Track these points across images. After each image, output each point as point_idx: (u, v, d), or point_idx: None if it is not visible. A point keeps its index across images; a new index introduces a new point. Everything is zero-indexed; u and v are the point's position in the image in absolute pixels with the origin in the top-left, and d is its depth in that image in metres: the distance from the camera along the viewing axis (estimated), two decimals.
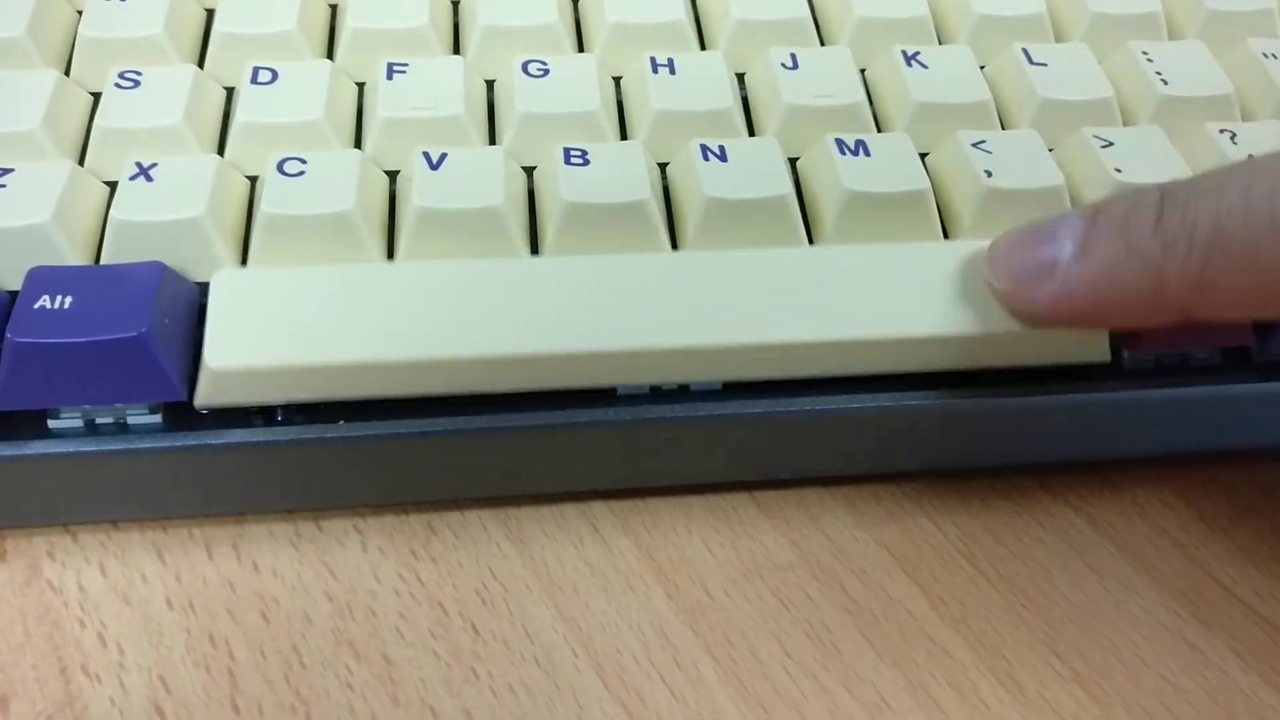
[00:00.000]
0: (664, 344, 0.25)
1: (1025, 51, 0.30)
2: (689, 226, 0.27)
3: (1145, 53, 0.31)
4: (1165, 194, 0.22)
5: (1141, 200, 0.22)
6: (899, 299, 0.25)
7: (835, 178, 0.27)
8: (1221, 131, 0.29)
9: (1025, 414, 0.27)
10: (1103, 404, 0.27)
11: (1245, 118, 0.31)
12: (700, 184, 0.27)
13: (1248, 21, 0.33)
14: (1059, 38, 0.32)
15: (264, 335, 0.24)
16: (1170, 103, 0.30)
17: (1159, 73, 0.30)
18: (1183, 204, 0.22)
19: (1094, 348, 0.26)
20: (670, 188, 0.28)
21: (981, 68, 0.31)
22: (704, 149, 0.27)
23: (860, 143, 0.28)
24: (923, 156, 0.28)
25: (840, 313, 0.25)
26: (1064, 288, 0.23)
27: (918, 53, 0.30)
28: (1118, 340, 0.26)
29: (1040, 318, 0.24)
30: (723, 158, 0.27)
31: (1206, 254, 0.21)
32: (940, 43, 0.32)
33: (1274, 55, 0.31)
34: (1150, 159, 0.28)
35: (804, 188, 0.28)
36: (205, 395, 0.24)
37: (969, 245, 0.26)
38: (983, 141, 0.28)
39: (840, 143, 0.28)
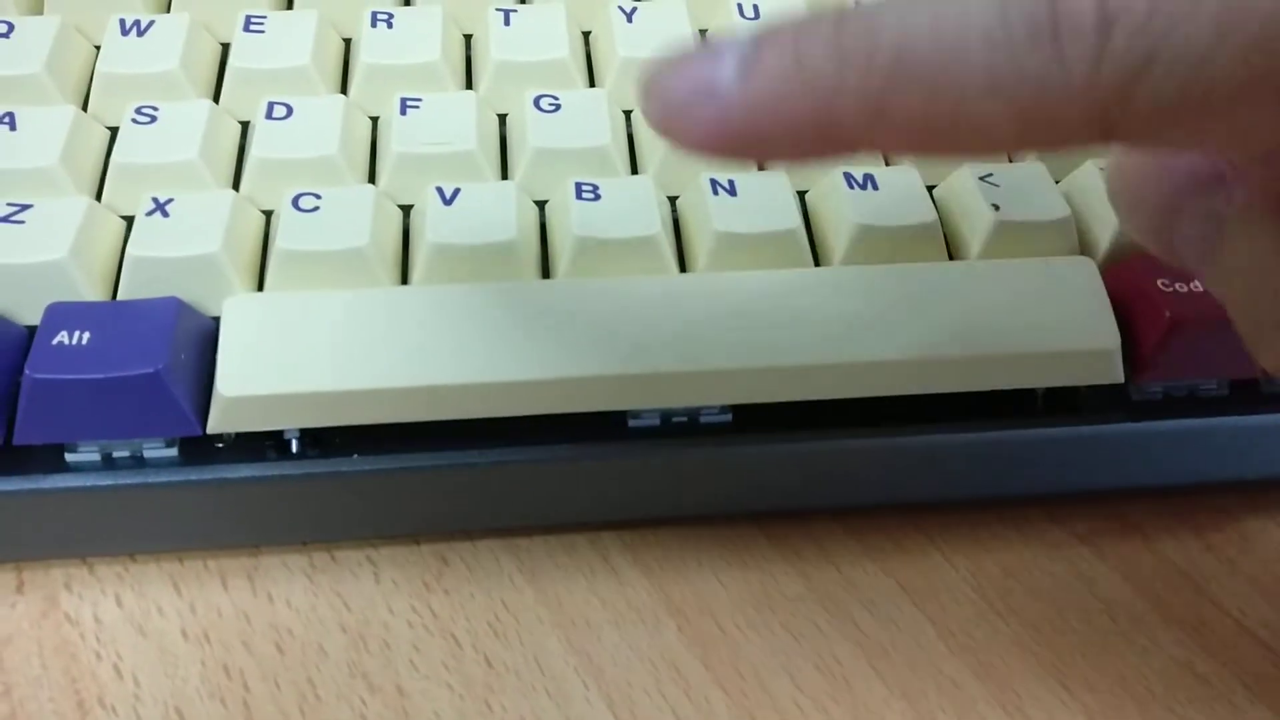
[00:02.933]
0: (676, 368, 0.25)
1: None
2: (699, 260, 0.27)
3: None
4: (844, 10, 0.18)
5: (819, 14, 0.18)
6: (907, 320, 0.26)
7: (844, 211, 0.27)
8: None
9: (1034, 446, 0.27)
10: (1111, 436, 0.27)
11: None
12: (710, 218, 0.27)
13: None
14: None
15: (276, 362, 0.25)
16: None
17: None
18: (867, 12, 0.18)
19: (1106, 369, 0.26)
20: (680, 222, 0.28)
21: None
22: (713, 183, 0.28)
23: (869, 177, 0.28)
24: (930, 189, 0.28)
25: (847, 335, 0.25)
26: (724, 111, 0.18)
27: None
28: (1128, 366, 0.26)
29: (700, 146, 0.19)
30: (732, 192, 0.27)
31: (889, 71, 0.17)
32: None
33: None
34: None
35: (812, 221, 0.28)
36: (218, 422, 0.25)
37: (976, 266, 0.27)
38: (990, 175, 0.28)
39: (849, 177, 0.28)
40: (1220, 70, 0.15)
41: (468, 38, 0.32)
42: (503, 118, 0.30)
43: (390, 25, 0.31)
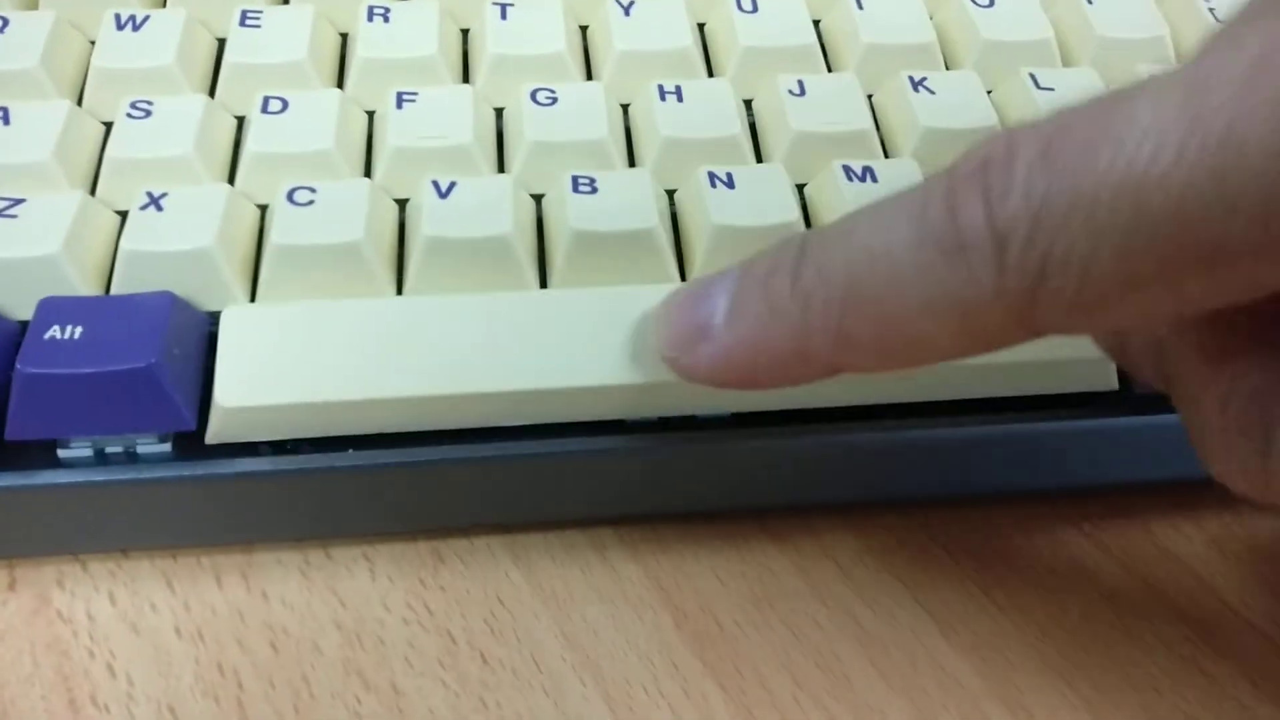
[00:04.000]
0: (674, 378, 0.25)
1: (1032, 76, 0.30)
2: (697, 253, 0.27)
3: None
4: (804, 244, 0.20)
5: (782, 254, 0.21)
6: None
7: (843, 205, 0.27)
8: None
9: (1037, 440, 0.27)
10: (1114, 430, 0.27)
11: None
12: (708, 211, 0.27)
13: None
14: (1066, 63, 0.32)
15: (275, 373, 0.24)
16: None
17: None
18: (817, 255, 0.20)
19: (1100, 376, 0.26)
20: (678, 215, 0.28)
21: (988, 92, 0.31)
22: (712, 176, 0.27)
23: (868, 169, 0.28)
24: None
25: None
26: (717, 352, 0.22)
27: (925, 78, 0.30)
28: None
29: (701, 381, 0.22)
30: (730, 185, 0.27)
31: (841, 308, 0.20)
32: (948, 68, 0.32)
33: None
34: None
35: (811, 215, 0.28)
36: (217, 433, 0.24)
37: None
38: None
39: (848, 169, 0.28)
40: (1104, 272, 0.17)
41: (464, 32, 0.32)
42: (499, 111, 0.30)
43: (387, 19, 0.31)
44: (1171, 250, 0.17)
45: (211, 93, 0.30)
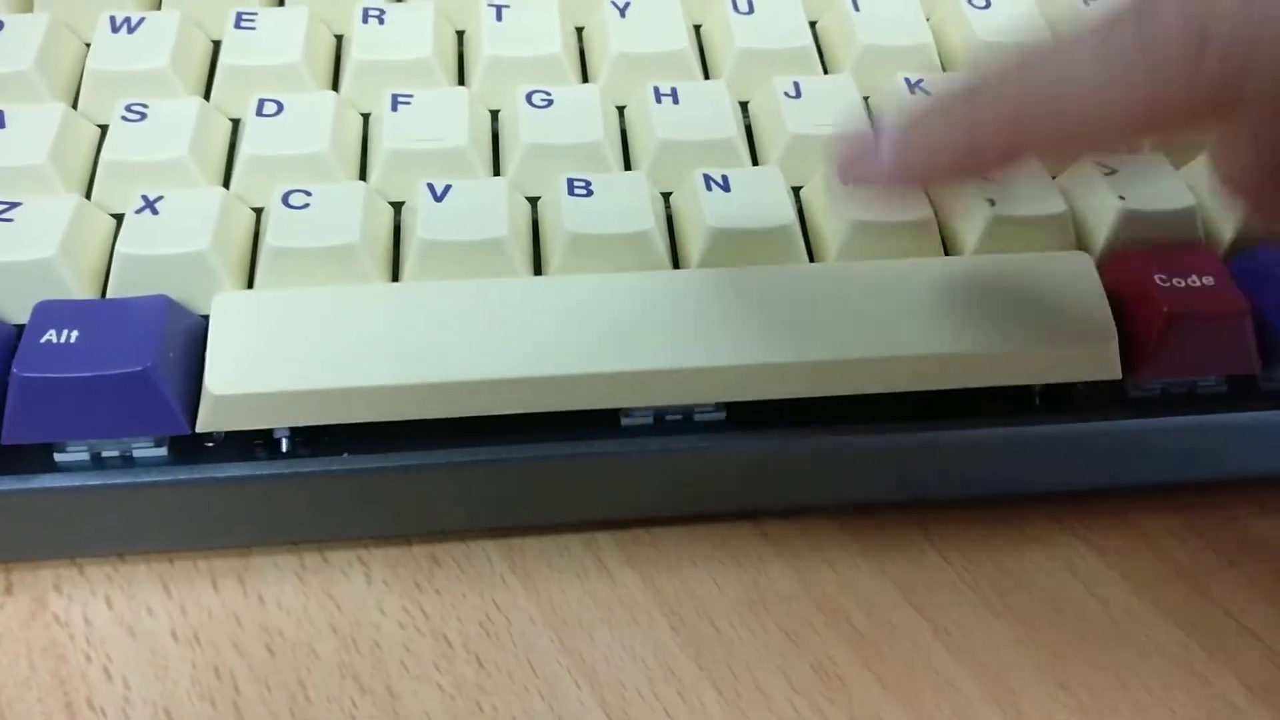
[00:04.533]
0: (670, 365, 0.25)
1: None
2: (693, 256, 0.27)
3: None
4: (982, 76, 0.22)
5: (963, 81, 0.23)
6: (903, 317, 0.25)
7: (838, 208, 0.27)
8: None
9: (1032, 443, 0.27)
10: (1109, 433, 0.27)
11: None
12: (703, 214, 0.27)
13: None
14: None
15: (265, 360, 0.24)
16: None
17: None
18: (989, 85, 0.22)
19: (1103, 365, 0.26)
20: (674, 217, 0.28)
21: None
22: (707, 179, 0.27)
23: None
24: None
25: (843, 332, 0.25)
26: (895, 146, 0.23)
27: (920, 80, 0.30)
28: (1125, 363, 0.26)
29: (882, 178, 0.24)
30: (726, 187, 0.27)
31: (1018, 84, 0.21)
32: (944, 69, 0.32)
33: None
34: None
35: (807, 217, 0.28)
36: (207, 421, 0.24)
37: (973, 262, 0.26)
38: None
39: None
40: None
41: (460, 34, 0.32)
42: (495, 114, 0.30)
43: (382, 21, 0.31)
44: None
45: (206, 95, 0.30)
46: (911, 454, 0.26)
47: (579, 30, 0.32)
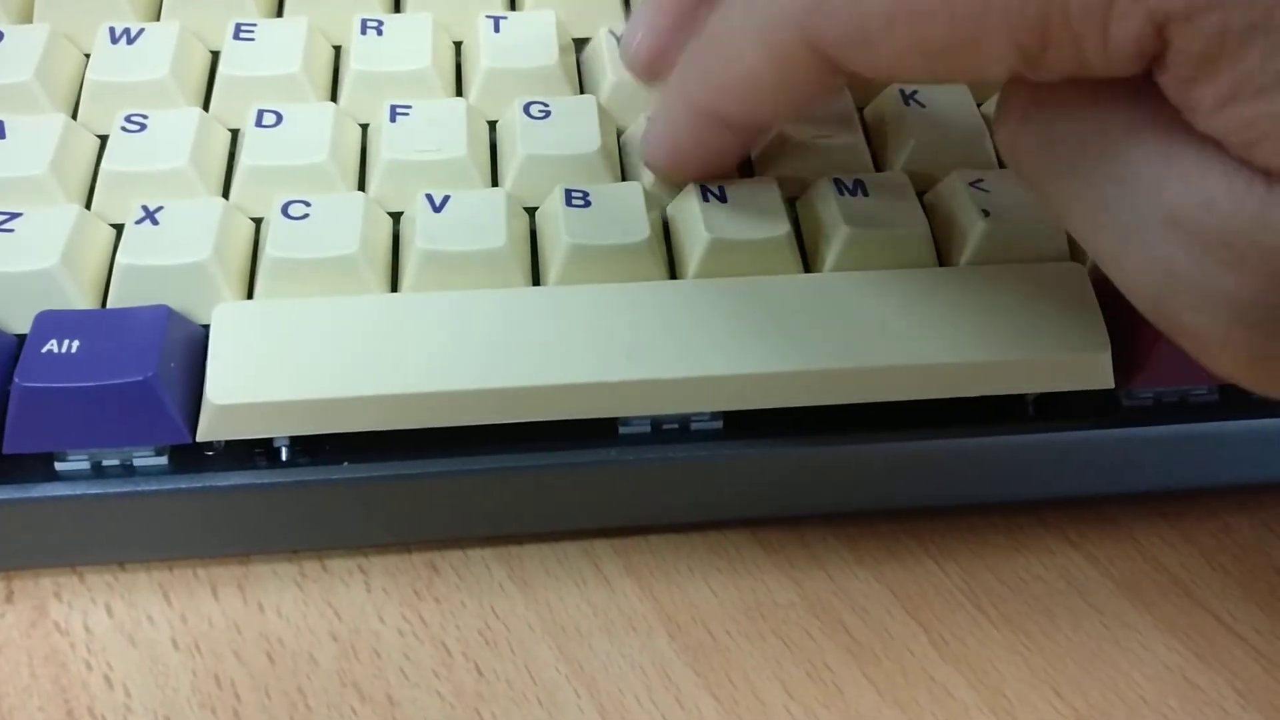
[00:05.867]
0: (668, 374, 0.25)
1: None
2: (690, 267, 0.27)
3: None
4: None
5: None
6: (899, 327, 0.26)
7: (832, 218, 0.27)
8: None
9: (1026, 452, 0.27)
10: (1102, 441, 0.27)
11: None
12: (700, 224, 0.27)
13: None
14: None
15: (266, 369, 0.25)
16: None
17: None
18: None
19: (1095, 374, 0.26)
20: (670, 228, 0.28)
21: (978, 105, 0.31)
22: (704, 190, 0.27)
23: (859, 183, 0.28)
24: (921, 195, 0.28)
25: (838, 341, 0.25)
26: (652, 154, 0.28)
27: (915, 92, 0.31)
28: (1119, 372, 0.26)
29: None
30: (722, 198, 0.27)
31: (704, 54, 0.24)
32: None
33: None
34: None
35: (803, 227, 0.28)
36: (208, 430, 0.25)
37: (967, 272, 0.27)
38: (980, 180, 0.28)
39: (839, 183, 0.28)
40: (868, 2, 0.20)
41: (458, 45, 0.32)
42: (493, 124, 0.30)
43: (380, 32, 0.31)
44: None
45: (206, 106, 0.30)
46: (907, 463, 0.27)
47: (577, 42, 0.32)
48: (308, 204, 0.27)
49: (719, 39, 0.24)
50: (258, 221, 0.28)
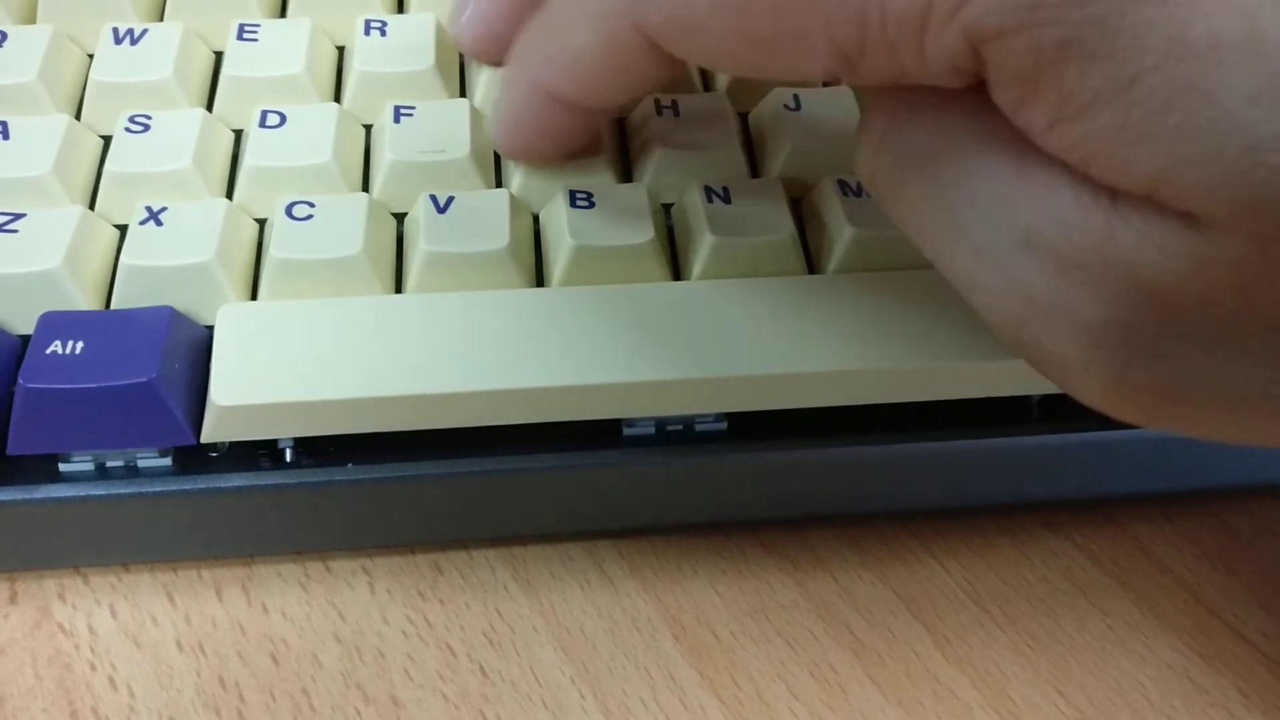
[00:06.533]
0: (672, 376, 0.25)
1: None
2: (694, 268, 0.27)
3: None
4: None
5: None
6: (904, 328, 0.26)
7: (838, 219, 0.27)
8: None
9: (1030, 453, 0.27)
10: (1106, 443, 0.27)
11: None
12: (704, 226, 0.27)
13: None
14: None
15: (269, 370, 0.25)
16: None
17: None
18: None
19: None
20: (675, 229, 0.28)
21: None
22: (708, 191, 0.27)
23: (862, 185, 0.28)
24: None
25: (844, 343, 0.25)
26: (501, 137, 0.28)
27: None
28: None
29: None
30: (726, 199, 0.27)
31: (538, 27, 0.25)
32: None
33: None
34: None
35: (807, 229, 0.28)
36: (212, 432, 0.25)
37: None
38: None
39: (843, 185, 0.28)
40: None
41: None
42: None
43: (383, 33, 0.31)
44: None
45: (209, 106, 0.30)
46: (911, 464, 0.27)
47: None
48: (311, 205, 0.27)
49: (556, 18, 0.24)
50: (261, 222, 0.28)
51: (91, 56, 0.30)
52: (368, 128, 0.30)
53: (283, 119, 0.29)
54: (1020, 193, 0.18)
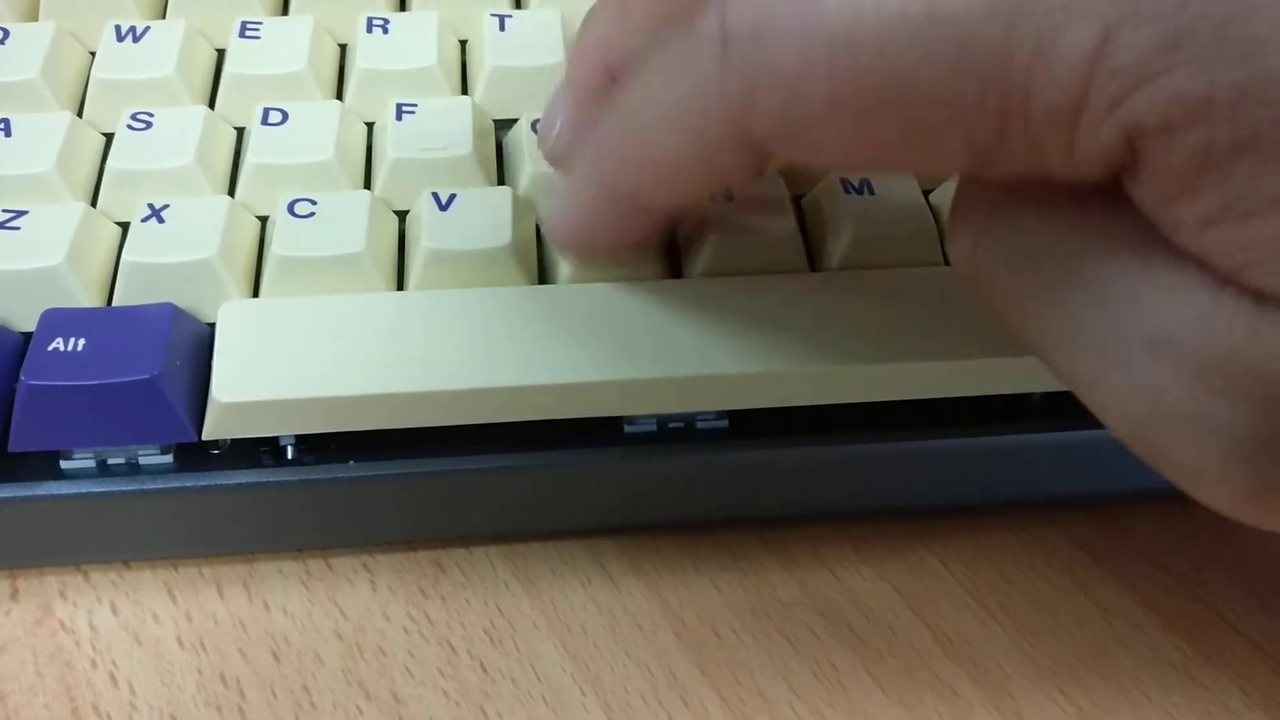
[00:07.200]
0: (673, 373, 0.25)
1: None
2: (698, 265, 0.27)
3: None
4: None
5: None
6: (905, 325, 0.26)
7: (841, 217, 0.27)
8: None
9: (1030, 451, 0.27)
10: (1107, 440, 0.27)
11: None
12: (707, 223, 0.27)
13: None
14: None
15: (271, 367, 0.24)
16: None
17: None
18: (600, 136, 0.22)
19: None
20: (675, 227, 0.28)
21: None
22: None
23: (865, 183, 0.28)
24: (927, 194, 0.28)
25: (843, 341, 0.25)
26: (558, 226, 0.25)
27: None
28: None
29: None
30: (728, 197, 0.27)
31: (621, 134, 0.21)
32: None
33: None
34: None
35: (809, 226, 0.28)
36: (214, 429, 0.25)
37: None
38: None
39: (846, 183, 0.28)
40: (810, 88, 0.17)
41: (463, 43, 0.32)
42: (499, 122, 0.30)
43: (386, 31, 0.31)
44: (870, 81, 0.17)
45: (211, 104, 0.30)
46: (912, 462, 0.27)
47: None
48: (313, 202, 0.27)
49: (635, 118, 0.21)
50: (263, 220, 0.28)
51: (94, 54, 0.30)
52: (370, 125, 0.30)
53: (285, 116, 0.29)
54: (1148, 294, 0.17)
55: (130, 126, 0.28)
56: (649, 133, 0.21)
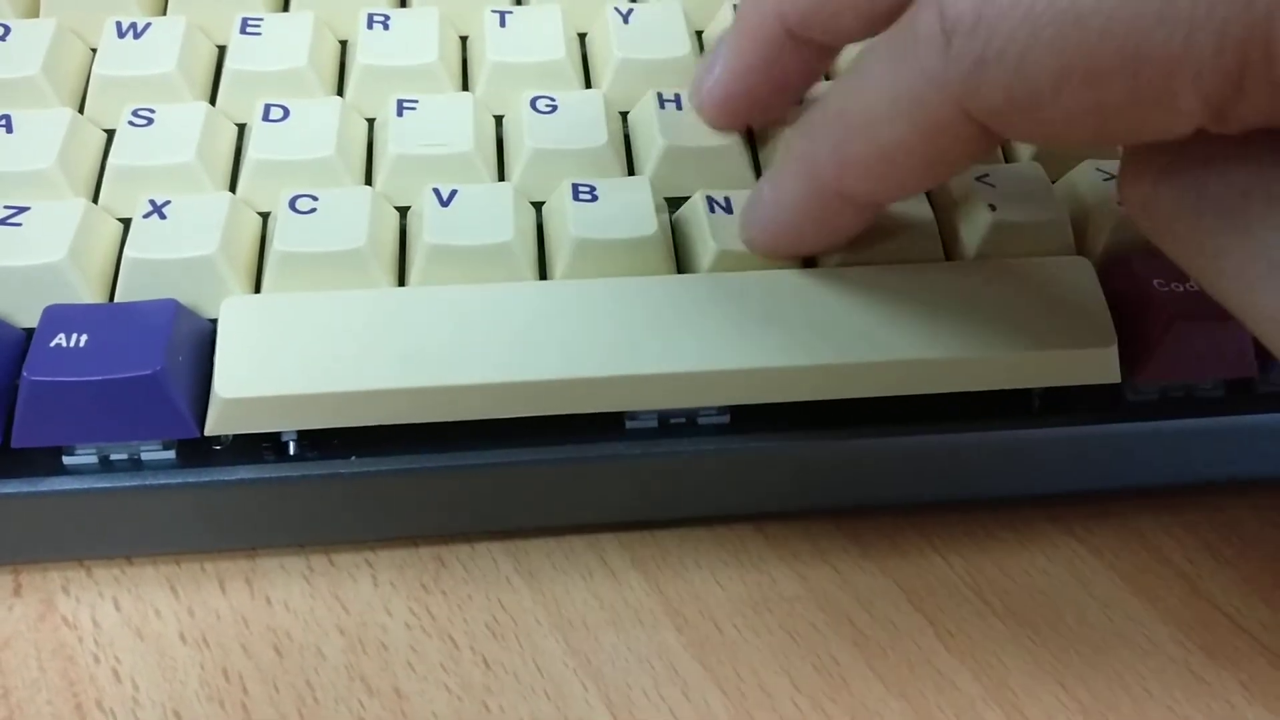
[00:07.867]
0: (674, 369, 0.25)
1: None
2: (701, 263, 0.27)
3: None
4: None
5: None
6: (905, 321, 0.26)
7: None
8: None
9: (1031, 446, 0.27)
10: (1108, 436, 0.27)
11: None
12: (706, 230, 0.27)
13: None
14: None
15: (274, 363, 0.25)
16: None
17: None
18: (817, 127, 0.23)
19: (1102, 369, 0.26)
20: (677, 224, 0.28)
21: None
22: (710, 200, 0.27)
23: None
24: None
25: (844, 336, 0.25)
26: (760, 220, 0.26)
27: None
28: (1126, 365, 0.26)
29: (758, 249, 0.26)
30: (728, 210, 0.27)
31: (836, 128, 0.22)
32: None
33: None
34: None
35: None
36: (216, 424, 0.25)
37: (973, 266, 0.27)
38: (986, 175, 0.28)
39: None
40: (1038, 64, 0.18)
41: (464, 39, 0.32)
42: (500, 119, 0.30)
43: (386, 27, 0.31)
44: (1100, 48, 0.17)
45: (213, 100, 0.30)
46: (912, 457, 0.27)
47: (582, 36, 0.32)
48: (315, 198, 0.27)
49: (857, 117, 0.21)
50: (265, 216, 0.28)
51: (95, 50, 0.30)
52: (371, 121, 0.30)
53: (286, 112, 0.29)
54: None
55: (131, 123, 0.28)
56: (873, 127, 0.21)
